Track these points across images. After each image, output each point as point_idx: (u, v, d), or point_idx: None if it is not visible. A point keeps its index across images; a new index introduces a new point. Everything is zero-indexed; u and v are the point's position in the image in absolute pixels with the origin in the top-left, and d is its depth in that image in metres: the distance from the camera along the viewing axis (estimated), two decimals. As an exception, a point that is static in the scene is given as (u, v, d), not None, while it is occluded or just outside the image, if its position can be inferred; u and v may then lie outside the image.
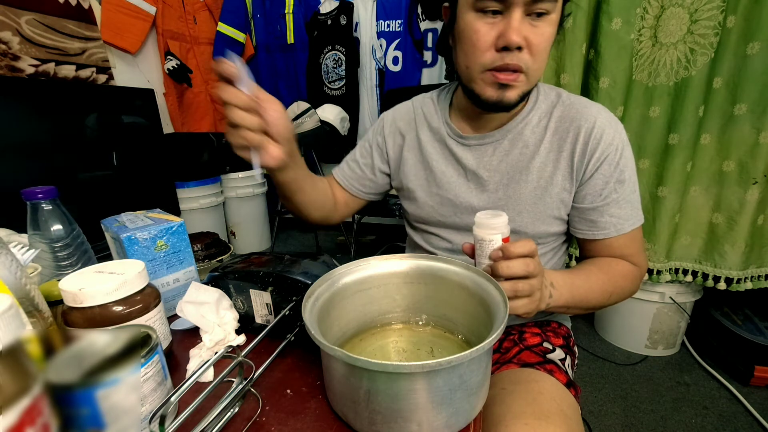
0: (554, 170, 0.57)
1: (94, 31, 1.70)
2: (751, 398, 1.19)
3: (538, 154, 0.58)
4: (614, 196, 0.56)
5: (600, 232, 0.58)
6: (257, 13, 2.33)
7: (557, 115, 0.58)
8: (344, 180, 0.73)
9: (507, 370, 0.56)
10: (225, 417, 0.36)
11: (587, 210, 0.58)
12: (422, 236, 0.70)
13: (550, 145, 0.58)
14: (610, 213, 0.56)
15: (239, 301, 0.51)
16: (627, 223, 0.57)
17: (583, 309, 0.55)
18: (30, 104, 1.16)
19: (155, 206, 0.66)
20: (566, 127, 0.57)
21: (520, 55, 0.49)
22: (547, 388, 0.51)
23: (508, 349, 0.61)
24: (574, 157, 0.56)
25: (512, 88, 0.52)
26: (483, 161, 0.61)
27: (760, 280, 1.22)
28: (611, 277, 0.56)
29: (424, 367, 0.29)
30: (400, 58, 2.12)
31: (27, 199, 0.50)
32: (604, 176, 0.55)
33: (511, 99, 0.52)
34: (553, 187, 0.57)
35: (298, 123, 1.91)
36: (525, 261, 0.42)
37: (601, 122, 0.55)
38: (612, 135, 0.55)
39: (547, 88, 0.61)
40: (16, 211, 0.56)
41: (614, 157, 0.55)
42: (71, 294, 0.37)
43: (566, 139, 0.57)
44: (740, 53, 1.08)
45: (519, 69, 0.50)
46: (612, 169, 0.55)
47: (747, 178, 1.15)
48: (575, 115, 0.57)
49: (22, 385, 0.13)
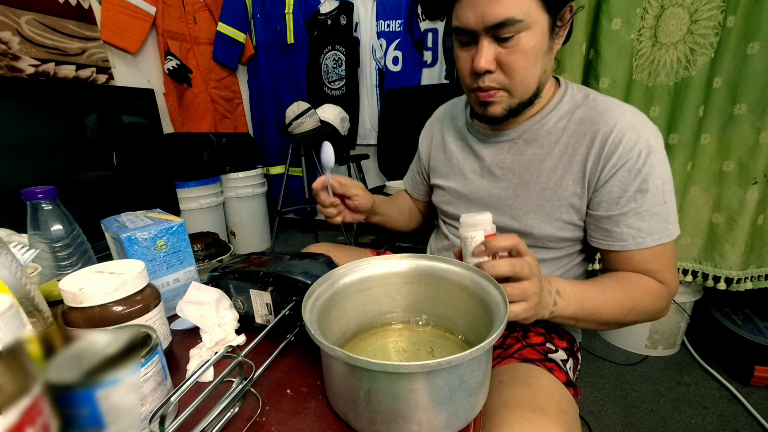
0: (564, 173, 0.56)
1: (94, 31, 1.70)
2: (751, 398, 1.19)
3: (551, 156, 0.57)
4: (633, 206, 0.52)
5: (616, 244, 0.54)
6: (257, 13, 2.33)
7: (578, 117, 0.57)
8: (411, 190, 0.85)
9: (507, 365, 0.55)
10: (225, 417, 0.36)
11: (602, 218, 0.55)
12: (448, 228, 0.74)
13: (565, 148, 0.57)
14: (628, 224, 0.53)
15: (239, 301, 0.51)
16: (650, 237, 0.52)
17: (595, 323, 0.52)
18: (30, 104, 1.17)
19: (155, 206, 0.66)
20: (584, 129, 0.55)
21: (493, 77, 0.52)
22: (546, 384, 0.50)
23: (510, 345, 0.61)
24: (587, 162, 0.54)
25: (493, 104, 0.55)
26: (498, 158, 0.62)
27: (760, 280, 1.22)
28: (630, 293, 0.52)
29: (424, 367, 0.29)
30: (400, 58, 2.12)
31: (27, 199, 0.50)
32: (622, 183, 0.52)
33: (495, 113, 0.56)
34: (562, 190, 0.56)
35: (298, 123, 1.91)
36: (511, 261, 0.41)
37: (623, 126, 0.52)
38: (634, 140, 0.52)
39: (576, 88, 0.60)
40: (16, 211, 0.56)
41: (635, 164, 0.51)
42: (71, 294, 0.37)
43: (582, 143, 0.55)
44: (740, 53, 1.08)
45: (494, 88, 0.53)
46: (632, 176, 0.52)
47: (747, 178, 1.15)
48: (596, 117, 0.55)
49: (22, 385, 0.13)
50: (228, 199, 2.23)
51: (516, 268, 0.41)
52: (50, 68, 1.55)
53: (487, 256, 0.43)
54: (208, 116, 2.25)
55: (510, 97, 0.54)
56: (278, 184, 2.40)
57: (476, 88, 0.54)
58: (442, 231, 0.75)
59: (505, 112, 0.56)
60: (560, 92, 0.59)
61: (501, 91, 0.54)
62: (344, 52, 2.18)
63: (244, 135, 2.43)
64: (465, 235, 0.44)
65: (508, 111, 0.56)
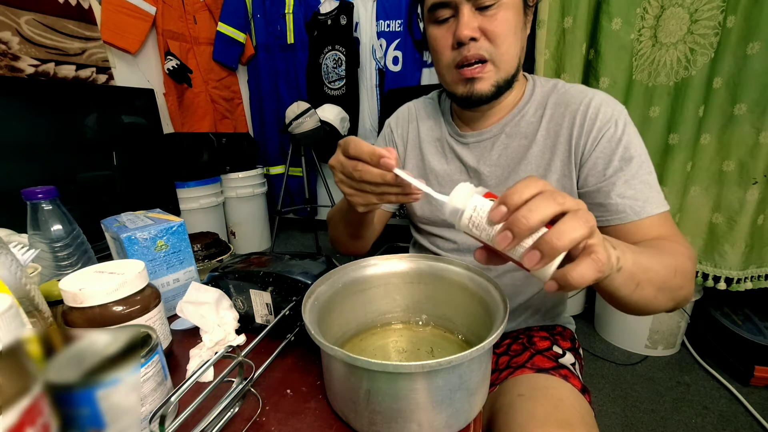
0: (552, 156, 0.56)
1: (94, 31, 1.70)
2: (751, 398, 1.19)
3: (535, 143, 0.57)
4: (620, 174, 0.50)
5: (615, 217, 0.50)
6: (257, 13, 2.33)
7: (553, 102, 0.57)
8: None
9: (521, 375, 0.55)
10: (225, 417, 0.36)
11: (593, 193, 0.53)
12: (428, 238, 0.69)
13: (547, 132, 0.57)
14: (619, 193, 0.50)
15: (239, 301, 0.51)
16: (648, 204, 0.49)
17: (652, 286, 0.39)
18: (30, 104, 1.16)
19: (155, 206, 0.66)
20: (561, 112, 0.56)
21: (478, 45, 0.51)
22: (566, 395, 0.50)
23: (518, 352, 0.60)
24: (571, 140, 0.54)
25: (480, 80, 0.53)
26: (483, 157, 0.61)
27: (760, 280, 1.22)
28: (664, 251, 0.43)
29: (423, 367, 0.29)
30: (400, 58, 2.12)
31: (27, 199, 0.50)
32: (606, 153, 0.52)
33: (483, 90, 0.53)
34: (551, 174, 0.56)
35: (298, 123, 1.91)
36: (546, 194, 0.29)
37: (597, 101, 0.54)
38: (610, 113, 0.53)
39: (543, 80, 0.61)
40: (16, 211, 0.56)
41: (614, 133, 0.52)
42: (71, 294, 0.37)
43: (562, 124, 0.56)
44: (740, 53, 1.08)
45: (481, 59, 0.51)
46: (613, 145, 0.51)
47: (747, 178, 1.15)
48: (569, 99, 0.56)
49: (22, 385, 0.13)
50: (228, 199, 2.23)
51: (558, 198, 0.28)
52: (50, 68, 1.55)
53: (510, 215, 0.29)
54: (208, 116, 2.25)
55: (496, 70, 0.53)
56: (278, 184, 2.40)
57: (460, 63, 0.52)
58: (420, 244, 0.71)
59: (493, 89, 0.54)
60: (530, 85, 0.61)
61: (488, 65, 0.52)
62: (344, 52, 2.18)
63: (244, 135, 2.43)
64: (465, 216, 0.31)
65: (496, 88, 0.54)
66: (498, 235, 0.29)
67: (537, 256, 0.28)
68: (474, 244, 0.62)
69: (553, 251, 0.28)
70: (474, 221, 0.31)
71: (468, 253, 0.64)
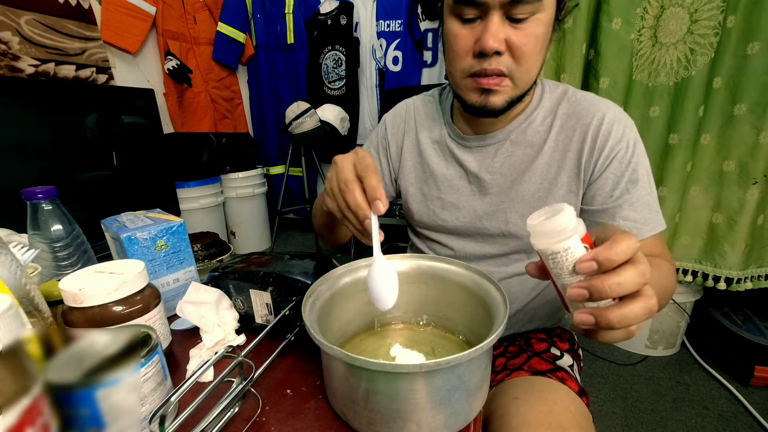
0: (559, 170, 0.55)
1: (94, 31, 1.70)
2: (751, 398, 1.19)
3: (542, 154, 0.55)
4: (627, 197, 0.51)
5: None
6: (257, 13, 2.33)
7: (563, 112, 0.55)
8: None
9: (518, 378, 0.54)
10: (225, 417, 0.36)
11: (597, 212, 0.53)
12: (425, 242, 0.68)
13: (555, 144, 0.55)
14: (623, 216, 0.52)
15: (239, 301, 0.51)
16: (645, 227, 0.51)
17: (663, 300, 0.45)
18: (30, 104, 1.16)
19: (155, 206, 0.66)
20: (572, 124, 0.54)
21: (501, 59, 0.47)
22: (561, 398, 0.49)
23: (515, 354, 0.60)
24: (582, 157, 0.53)
25: (496, 93, 0.50)
26: (485, 163, 0.59)
27: (760, 280, 1.22)
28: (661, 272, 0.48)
29: (422, 367, 0.29)
30: (400, 58, 2.12)
31: (27, 199, 0.50)
32: (615, 175, 0.52)
33: (496, 104, 0.50)
34: (557, 188, 0.55)
35: (298, 123, 1.91)
36: (636, 270, 0.28)
37: (610, 118, 0.52)
38: (621, 131, 0.52)
39: (552, 84, 0.59)
40: (16, 211, 0.56)
41: (625, 155, 0.51)
42: (71, 294, 0.37)
43: (572, 138, 0.54)
44: (740, 53, 1.08)
45: (501, 73, 0.48)
46: (623, 167, 0.51)
47: (747, 178, 1.15)
48: (582, 111, 0.54)
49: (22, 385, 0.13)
50: (228, 199, 2.23)
51: (646, 273, 0.28)
52: (50, 68, 1.55)
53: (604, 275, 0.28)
54: (208, 116, 2.25)
55: (514, 87, 0.50)
56: (278, 184, 2.40)
57: (477, 72, 0.49)
58: (418, 248, 0.69)
59: (505, 105, 0.51)
60: (539, 89, 0.58)
61: (506, 80, 0.49)
62: (344, 52, 2.18)
63: (244, 135, 2.43)
64: (552, 250, 0.30)
65: (508, 104, 0.51)
66: (574, 288, 0.29)
67: (589, 320, 0.29)
68: (471, 253, 0.62)
69: (607, 325, 0.28)
70: (557, 260, 0.30)
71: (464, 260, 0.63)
